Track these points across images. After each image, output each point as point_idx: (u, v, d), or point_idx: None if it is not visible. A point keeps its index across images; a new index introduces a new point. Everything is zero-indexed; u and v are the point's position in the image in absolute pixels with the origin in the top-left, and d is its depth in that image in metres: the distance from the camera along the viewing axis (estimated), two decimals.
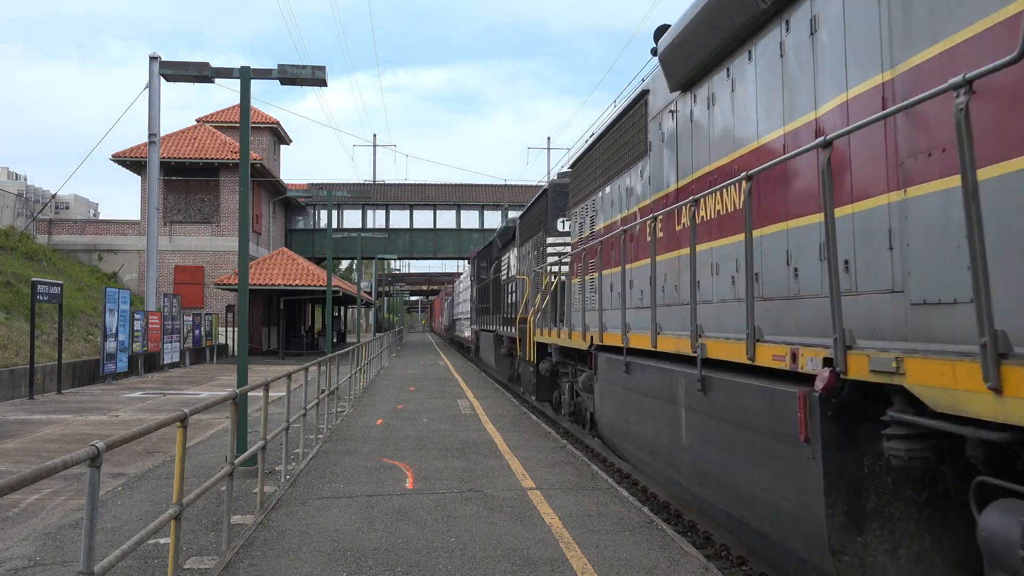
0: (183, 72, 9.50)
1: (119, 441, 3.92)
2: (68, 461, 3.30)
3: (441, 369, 27.87)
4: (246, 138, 9.62)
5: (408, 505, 7.48)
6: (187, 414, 4.91)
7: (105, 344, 20.11)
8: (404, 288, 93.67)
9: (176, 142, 34.95)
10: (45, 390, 17.86)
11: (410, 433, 12.10)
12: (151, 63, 24.05)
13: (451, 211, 46.72)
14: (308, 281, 32.61)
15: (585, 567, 5.63)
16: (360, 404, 16.11)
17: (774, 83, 5.72)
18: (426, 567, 5.65)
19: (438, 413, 14.67)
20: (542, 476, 8.85)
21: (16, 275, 23.70)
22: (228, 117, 39.32)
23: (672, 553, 6.01)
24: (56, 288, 18.27)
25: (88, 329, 23.36)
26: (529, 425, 13.26)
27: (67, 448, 10.31)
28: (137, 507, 7.44)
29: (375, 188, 48.04)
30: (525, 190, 46.47)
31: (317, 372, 11.86)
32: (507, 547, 6.12)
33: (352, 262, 67.09)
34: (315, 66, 9.67)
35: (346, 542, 6.26)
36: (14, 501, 7.53)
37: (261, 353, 35.25)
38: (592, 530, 6.62)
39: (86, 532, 3.58)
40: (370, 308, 62.21)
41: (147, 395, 17.78)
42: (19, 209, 34.78)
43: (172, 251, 34.00)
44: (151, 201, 24.92)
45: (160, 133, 25.33)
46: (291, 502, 7.56)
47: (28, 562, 5.84)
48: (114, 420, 13.49)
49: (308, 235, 45.00)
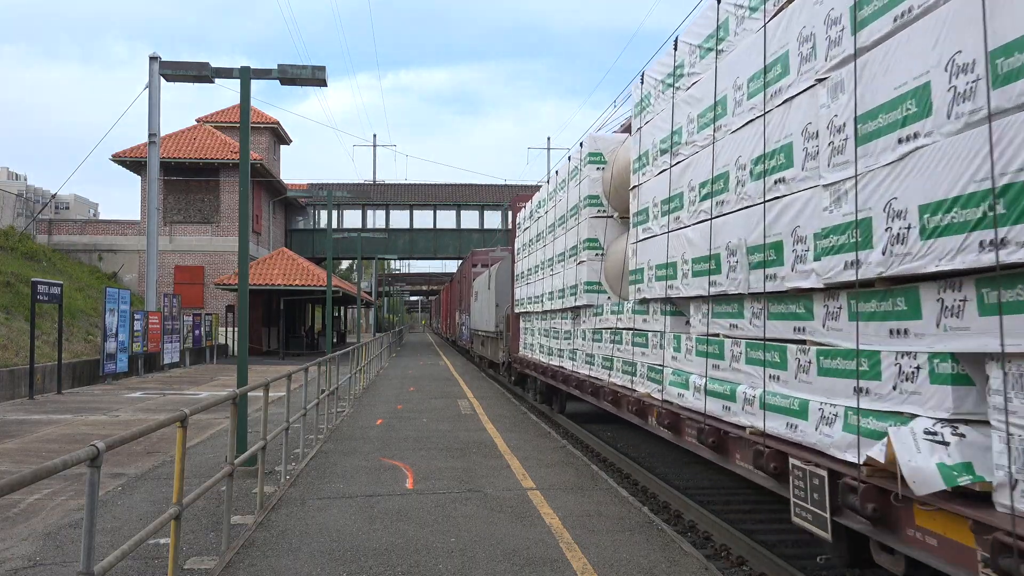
0: (183, 72, 9.50)
1: (119, 441, 3.92)
2: (68, 461, 3.30)
3: (441, 369, 27.87)
4: (246, 138, 9.62)
5: (408, 505, 7.48)
6: (187, 414, 4.91)
7: (105, 344, 20.11)
8: (404, 288, 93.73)
9: (176, 142, 34.95)
10: (45, 390, 17.85)
11: (410, 433, 12.10)
12: (151, 63, 24.04)
13: (451, 211, 46.71)
14: (308, 281, 32.61)
15: (585, 567, 5.63)
16: (360, 404, 16.11)
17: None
18: (426, 567, 5.65)
19: (438, 413, 14.67)
20: (542, 476, 8.85)
21: (16, 275, 23.69)
22: (228, 117, 39.33)
23: (672, 553, 6.01)
24: (56, 288, 18.27)
25: (88, 329, 23.36)
26: (529, 425, 13.26)
27: (67, 448, 10.31)
28: (137, 507, 7.44)
29: (375, 188, 48.06)
30: (525, 190, 46.45)
31: (317, 372, 11.87)
32: (507, 547, 6.12)
33: (352, 262, 67.10)
34: (315, 66, 9.67)
35: (346, 542, 6.26)
36: (14, 501, 7.52)
37: (261, 353, 35.24)
38: (592, 530, 6.62)
39: (86, 532, 3.58)
40: (370, 308, 62.26)
41: (147, 395, 17.78)
42: (19, 209, 34.81)
43: (172, 251, 34.00)
44: (151, 201, 24.92)
45: (160, 133, 25.32)
46: (291, 502, 7.56)
47: (28, 562, 5.84)
48: (114, 420, 13.49)
49: (308, 235, 45.01)
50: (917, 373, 4.11)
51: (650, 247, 8.49)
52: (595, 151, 11.48)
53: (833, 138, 4.93)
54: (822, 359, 5.05)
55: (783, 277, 5.57)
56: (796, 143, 5.44)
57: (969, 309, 3.79)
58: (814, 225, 5.17)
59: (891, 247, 4.29)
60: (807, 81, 5.33)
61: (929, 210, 3.98)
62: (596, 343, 10.74)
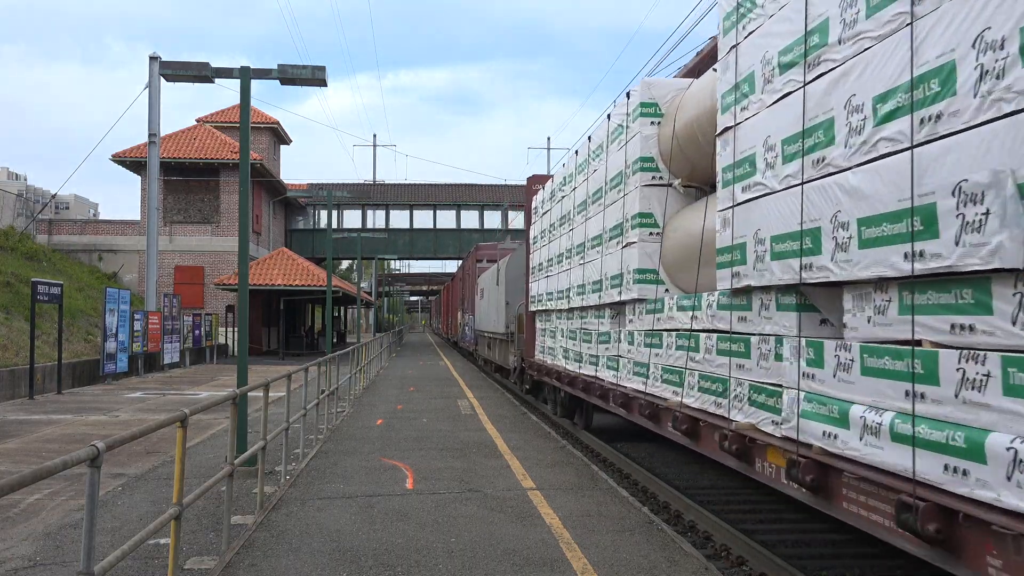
0: (183, 72, 9.50)
1: (119, 441, 3.92)
2: (68, 461, 3.29)
3: (441, 369, 27.88)
4: (246, 138, 9.62)
5: (408, 505, 7.48)
6: (187, 414, 4.91)
7: (105, 344, 20.10)
8: (404, 288, 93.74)
9: (176, 142, 34.96)
10: (45, 390, 17.85)
11: (410, 433, 12.10)
12: (151, 63, 24.03)
13: (451, 211, 46.71)
14: (308, 281, 32.62)
15: (585, 567, 5.63)
16: (360, 404, 16.11)
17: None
18: (426, 567, 5.65)
19: (438, 413, 14.67)
20: (542, 476, 8.85)
21: (16, 275, 23.69)
22: (228, 117, 39.35)
23: (672, 553, 6.01)
24: (56, 288, 18.27)
25: (88, 329, 23.36)
26: (529, 425, 13.26)
27: (67, 448, 10.31)
28: (137, 507, 7.44)
29: (375, 188, 48.06)
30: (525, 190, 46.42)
31: (317, 372, 11.87)
32: (507, 547, 6.12)
33: (352, 262, 67.12)
34: (315, 66, 9.67)
35: (346, 542, 6.26)
36: (14, 501, 7.52)
37: (261, 353, 35.24)
38: (592, 530, 6.62)
39: (86, 532, 3.58)
40: (370, 308, 62.25)
41: (147, 395, 17.78)
42: (19, 209, 34.81)
43: (172, 251, 34.00)
44: (151, 201, 24.92)
45: (160, 133, 25.32)
46: (291, 502, 7.56)
47: (28, 562, 5.84)
48: (114, 420, 13.49)
49: (308, 235, 45.02)
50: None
51: (760, 210, 5.94)
52: (648, 100, 9.15)
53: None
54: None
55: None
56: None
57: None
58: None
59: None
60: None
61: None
62: (652, 349, 8.38)
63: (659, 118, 9.09)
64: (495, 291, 22.55)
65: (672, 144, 8.55)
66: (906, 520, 4.00)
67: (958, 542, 3.83)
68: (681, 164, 8.67)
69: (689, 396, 7.25)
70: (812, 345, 5.16)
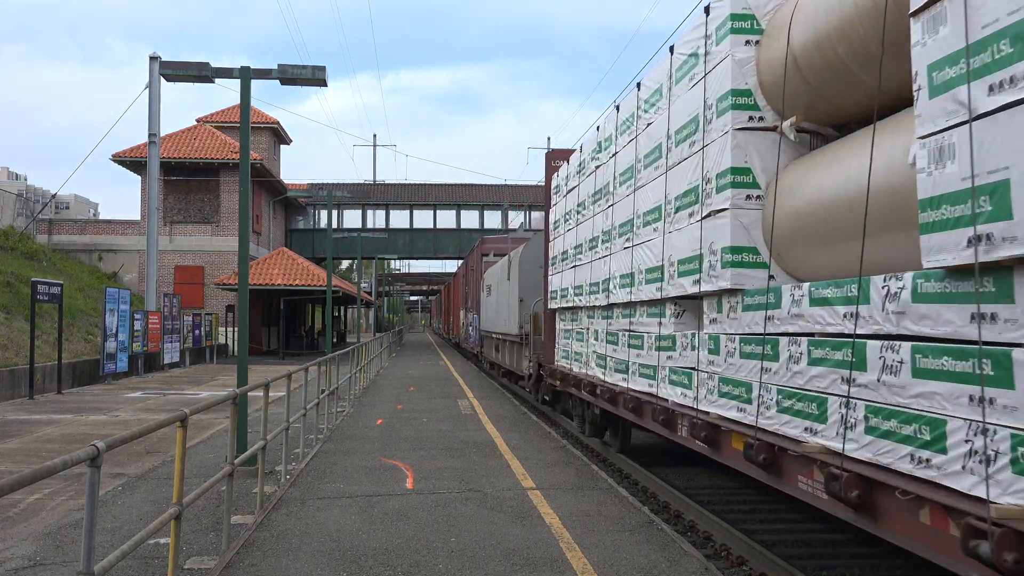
0: (183, 72, 9.50)
1: (119, 441, 3.92)
2: (68, 461, 3.30)
3: (441, 369, 27.88)
4: (246, 138, 9.62)
5: (408, 505, 7.48)
6: (187, 414, 4.91)
7: (105, 344, 20.11)
8: (404, 288, 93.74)
9: (176, 142, 34.95)
10: (45, 390, 17.86)
11: (410, 433, 12.10)
12: (151, 63, 24.04)
13: (451, 211, 46.70)
14: (308, 281, 32.63)
15: (585, 567, 5.64)
16: (360, 404, 16.11)
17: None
18: (426, 567, 5.65)
19: (438, 413, 14.67)
20: (542, 476, 8.85)
21: (16, 275, 23.69)
22: (228, 117, 39.33)
23: (672, 553, 6.01)
24: (56, 288, 18.28)
25: (88, 329, 23.36)
26: (529, 425, 13.26)
27: (67, 448, 10.31)
28: (137, 507, 7.44)
29: (375, 188, 48.07)
30: (525, 190, 46.48)
31: (317, 372, 11.87)
32: (507, 547, 6.12)
33: (352, 262, 67.11)
34: (315, 66, 9.68)
35: (346, 542, 6.26)
36: (14, 501, 7.53)
37: (261, 353, 35.24)
38: (592, 530, 6.62)
39: (86, 532, 3.58)
40: (370, 308, 62.27)
41: (147, 395, 17.78)
42: (19, 209, 34.81)
43: (172, 251, 34.00)
44: (151, 201, 24.92)
45: (160, 133, 25.33)
46: (291, 502, 7.57)
47: (28, 562, 5.85)
48: (114, 420, 13.49)
49: (308, 235, 45.02)
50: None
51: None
52: (743, 11, 6.59)
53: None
54: None
55: None
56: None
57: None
58: None
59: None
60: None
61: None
62: (763, 362, 5.78)
63: (757, 35, 6.57)
64: (505, 287, 20.25)
65: (786, 68, 5.99)
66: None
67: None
68: (798, 96, 6.11)
69: (851, 442, 4.64)
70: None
